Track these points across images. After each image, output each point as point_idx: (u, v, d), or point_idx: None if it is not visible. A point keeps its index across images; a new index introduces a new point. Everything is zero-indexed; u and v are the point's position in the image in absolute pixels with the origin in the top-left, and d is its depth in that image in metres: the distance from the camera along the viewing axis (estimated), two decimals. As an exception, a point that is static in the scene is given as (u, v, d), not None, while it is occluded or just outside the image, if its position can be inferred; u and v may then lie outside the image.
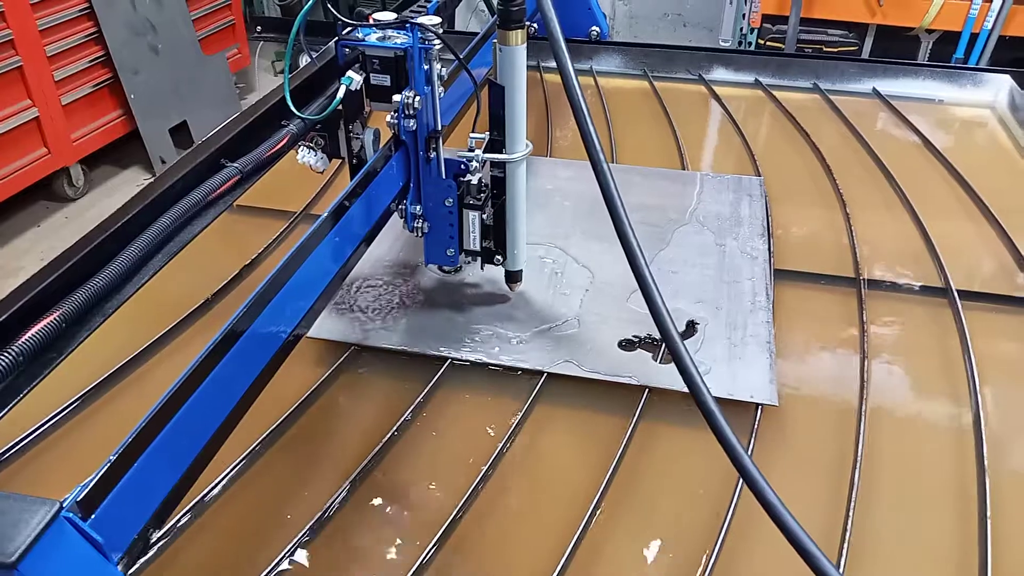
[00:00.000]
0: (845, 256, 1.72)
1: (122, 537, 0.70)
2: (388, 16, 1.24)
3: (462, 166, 1.33)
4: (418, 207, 1.37)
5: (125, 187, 4.11)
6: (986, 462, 1.21)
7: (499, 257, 1.44)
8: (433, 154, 1.31)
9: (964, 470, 1.23)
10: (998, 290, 1.61)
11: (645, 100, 2.48)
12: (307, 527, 1.11)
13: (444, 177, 1.34)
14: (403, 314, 1.51)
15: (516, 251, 1.43)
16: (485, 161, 1.33)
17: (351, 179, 1.28)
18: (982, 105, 2.42)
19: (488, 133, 1.32)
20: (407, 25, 1.20)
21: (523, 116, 1.30)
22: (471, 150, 1.32)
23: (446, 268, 1.58)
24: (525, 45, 1.24)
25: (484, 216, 1.38)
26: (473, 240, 1.41)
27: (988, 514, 1.13)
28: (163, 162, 4.16)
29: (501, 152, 1.32)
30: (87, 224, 3.74)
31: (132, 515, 0.72)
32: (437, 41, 1.21)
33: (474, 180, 1.33)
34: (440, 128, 1.30)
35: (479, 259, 1.45)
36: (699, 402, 0.92)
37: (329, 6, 1.22)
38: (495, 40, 1.25)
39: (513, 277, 1.49)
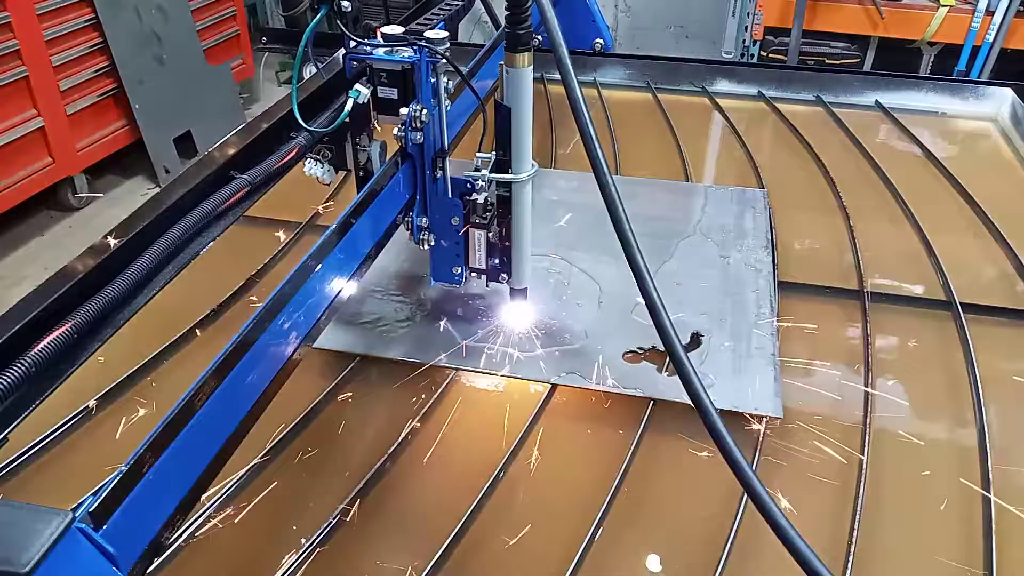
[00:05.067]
0: (849, 268, 1.72)
1: (132, 548, 0.70)
2: (395, 29, 1.25)
3: (468, 185, 1.34)
4: (424, 219, 1.37)
5: (129, 197, 4.12)
6: (991, 477, 1.21)
7: (504, 275, 1.45)
8: (440, 173, 1.32)
9: (969, 484, 1.23)
10: (1001, 303, 1.61)
11: (649, 112, 2.49)
12: (313, 538, 1.11)
13: (450, 196, 1.35)
14: (408, 324, 1.51)
15: (521, 269, 1.44)
16: (491, 181, 1.34)
17: (357, 191, 1.29)
18: (984, 118, 2.43)
19: (494, 153, 1.33)
20: (413, 45, 1.20)
21: (529, 137, 1.31)
22: (477, 169, 1.33)
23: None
24: (532, 67, 1.25)
25: (490, 235, 1.39)
26: (479, 258, 1.42)
27: (993, 530, 1.13)
28: (167, 172, 4.18)
29: (507, 172, 1.33)
30: (91, 233, 3.74)
31: (142, 526, 0.72)
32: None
33: (480, 199, 1.34)
34: (447, 147, 1.31)
35: (484, 277, 1.46)
36: (704, 416, 0.92)
37: (337, 20, 1.22)
38: (502, 63, 1.26)
39: (518, 295, 1.50)
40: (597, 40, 2.71)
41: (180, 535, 1.12)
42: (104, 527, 0.65)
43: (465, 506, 1.17)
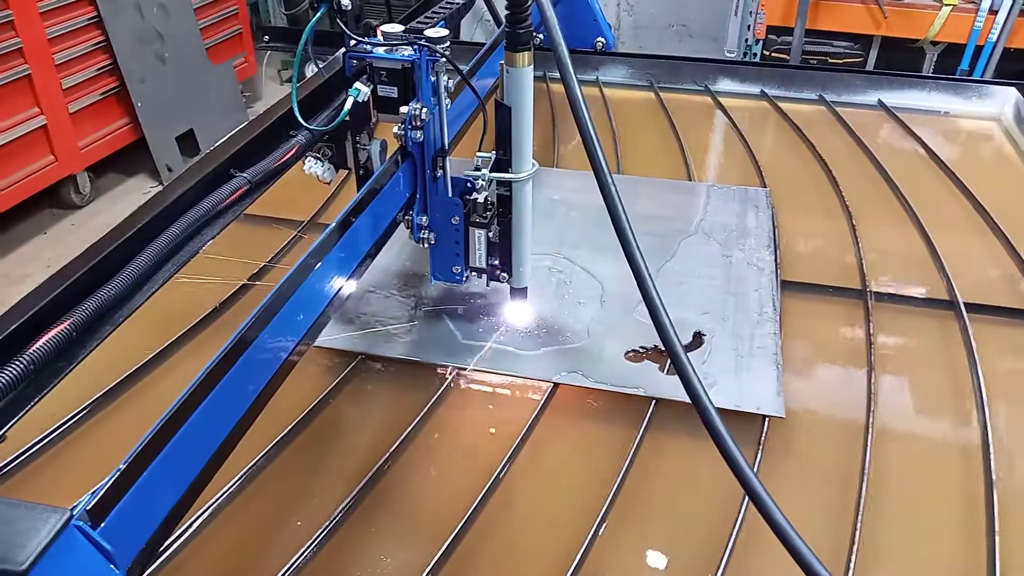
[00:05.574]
0: (851, 268, 1.72)
1: (131, 546, 0.70)
2: (395, 28, 1.25)
3: (468, 184, 1.33)
4: (424, 218, 1.37)
5: (131, 195, 4.12)
6: (994, 476, 1.21)
7: (505, 275, 1.44)
8: (440, 172, 1.32)
9: (972, 484, 1.22)
10: (1004, 302, 1.61)
11: (651, 111, 2.49)
12: (315, 536, 1.11)
13: (451, 195, 1.34)
14: (409, 323, 1.51)
15: (521, 269, 1.44)
16: (491, 180, 1.34)
17: (358, 189, 1.29)
18: (988, 117, 2.43)
19: (494, 152, 1.33)
20: (413, 44, 1.20)
21: (529, 136, 1.31)
22: (477, 169, 1.32)
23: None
24: (532, 67, 1.25)
25: (490, 234, 1.39)
26: (479, 257, 1.41)
27: (996, 529, 1.13)
28: (169, 170, 4.18)
29: (507, 171, 1.33)
30: (93, 231, 3.75)
31: (141, 524, 0.72)
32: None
33: (480, 199, 1.34)
34: (447, 146, 1.31)
35: (485, 276, 1.46)
36: (702, 414, 0.92)
37: (337, 18, 1.22)
38: (502, 62, 1.25)
39: (518, 294, 1.49)
40: (599, 39, 2.71)
41: (182, 533, 1.12)
42: (102, 525, 0.65)
43: (467, 504, 1.16)
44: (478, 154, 1.33)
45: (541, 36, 1.38)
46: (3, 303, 0.93)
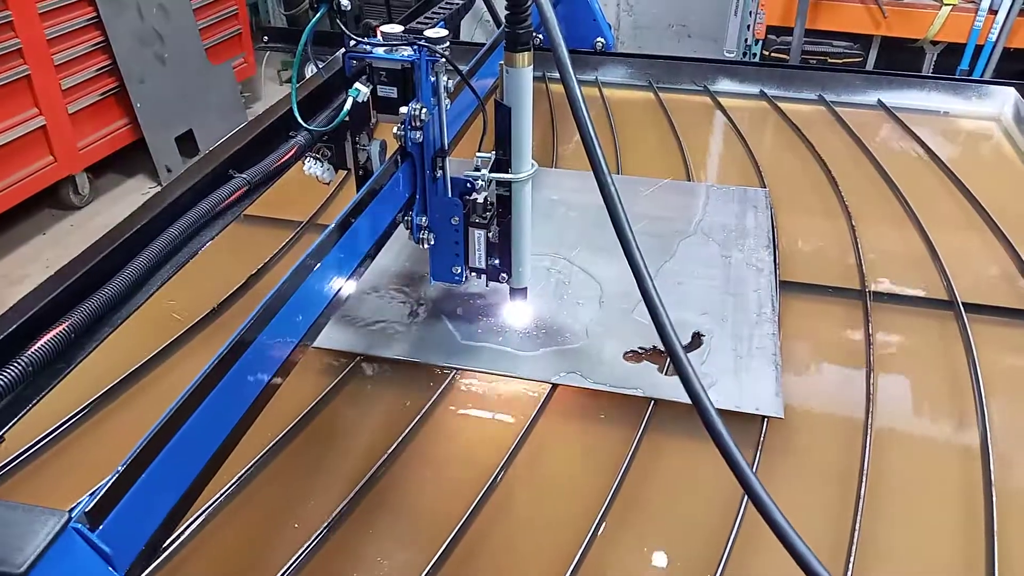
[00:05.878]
0: (851, 268, 1.72)
1: (129, 548, 0.70)
2: (395, 28, 1.24)
3: (468, 184, 1.33)
4: (424, 219, 1.37)
5: (130, 195, 4.12)
6: (993, 476, 1.21)
7: (504, 275, 1.44)
8: (439, 172, 1.32)
9: (971, 484, 1.22)
10: (1004, 303, 1.61)
11: (650, 111, 2.49)
12: (313, 537, 1.11)
13: (450, 196, 1.34)
14: (408, 324, 1.51)
15: (521, 269, 1.43)
16: (491, 180, 1.33)
17: (357, 190, 1.29)
18: (987, 117, 2.43)
19: (494, 152, 1.33)
20: (413, 44, 1.20)
21: (529, 136, 1.31)
22: (477, 169, 1.32)
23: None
24: (531, 67, 1.25)
25: (490, 234, 1.39)
26: (479, 258, 1.41)
27: (995, 530, 1.13)
28: (169, 171, 4.18)
29: (507, 171, 1.33)
30: (92, 232, 3.75)
31: (139, 526, 0.72)
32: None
33: (480, 199, 1.34)
34: (447, 146, 1.31)
35: (484, 276, 1.46)
36: (702, 415, 0.91)
37: (337, 18, 1.22)
38: (502, 62, 1.25)
39: (518, 295, 1.49)
40: (599, 39, 2.71)
41: (180, 534, 1.12)
42: (100, 527, 0.65)
43: (465, 505, 1.16)
44: (478, 154, 1.33)
45: (541, 36, 1.38)
46: (2, 304, 0.93)
